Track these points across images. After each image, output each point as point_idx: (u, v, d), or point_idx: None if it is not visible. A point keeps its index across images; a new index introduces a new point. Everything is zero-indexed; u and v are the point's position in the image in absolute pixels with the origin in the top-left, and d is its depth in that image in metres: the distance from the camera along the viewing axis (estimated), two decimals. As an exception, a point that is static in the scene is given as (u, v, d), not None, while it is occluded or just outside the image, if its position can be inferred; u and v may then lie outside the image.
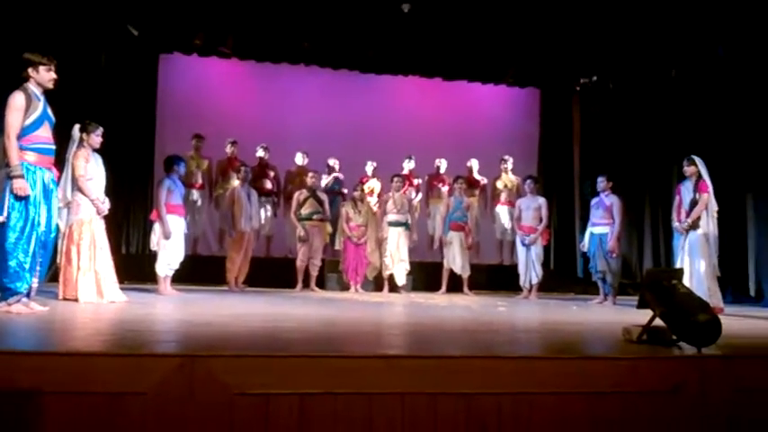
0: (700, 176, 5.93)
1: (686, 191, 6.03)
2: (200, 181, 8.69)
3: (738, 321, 4.87)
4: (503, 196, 9.38)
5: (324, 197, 8.23)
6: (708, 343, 2.75)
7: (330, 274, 8.43)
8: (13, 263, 3.77)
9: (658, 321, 3.00)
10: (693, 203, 5.85)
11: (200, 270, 7.90)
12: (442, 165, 9.53)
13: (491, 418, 2.41)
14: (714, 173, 6.28)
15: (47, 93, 4.11)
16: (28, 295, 3.94)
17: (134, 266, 7.70)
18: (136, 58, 8.98)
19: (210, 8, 8.36)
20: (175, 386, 2.21)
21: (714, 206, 5.91)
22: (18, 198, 3.82)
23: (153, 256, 6.53)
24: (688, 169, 6.05)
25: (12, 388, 2.20)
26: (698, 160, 6.01)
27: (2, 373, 2.22)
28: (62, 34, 7.69)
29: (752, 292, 7.93)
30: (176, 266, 6.43)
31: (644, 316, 3.12)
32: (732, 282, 7.78)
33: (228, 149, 8.85)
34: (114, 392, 2.19)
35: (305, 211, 8.04)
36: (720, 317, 4.60)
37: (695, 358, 2.68)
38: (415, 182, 9.42)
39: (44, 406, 2.18)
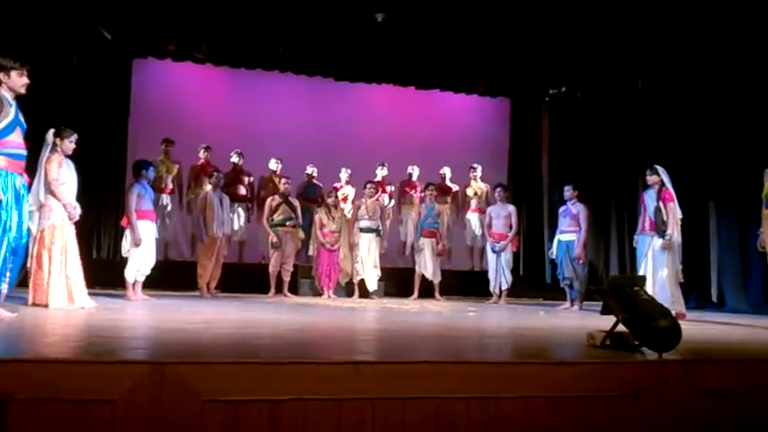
0: (662, 185, 6.10)
1: (650, 199, 6.19)
2: (170, 185, 8.66)
3: (699, 327, 5.02)
4: (473, 203, 9.54)
5: (296, 203, 8.25)
6: (668, 348, 2.84)
7: (303, 279, 8.46)
8: (-18, 268, 3.74)
9: (621, 327, 3.09)
10: (656, 211, 6.00)
11: (172, 275, 7.85)
12: (415, 172, 9.63)
13: (459, 423, 2.46)
14: (678, 181, 6.45)
15: (18, 97, 4.08)
16: (-4, 301, 3.91)
17: (104, 272, 7.61)
18: (109, 62, 8.92)
19: (185, 13, 8.35)
20: (145, 393, 2.22)
21: (678, 214, 6.07)
22: (-11, 203, 3.79)
23: (124, 262, 6.49)
24: (650, 179, 6.21)
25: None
26: (660, 170, 6.18)
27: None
28: (33, 37, 7.61)
29: (714, 299, 8.14)
30: (147, 272, 6.39)
31: (608, 322, 3.21)
32: (695, 288, 7.99)
33: (202, 155, 8.86)
34: (84, 399, 2.19)
35: (278, 217, 8.06)
36: (682, 323, 4.74)
37: (656, 363, 2.78)
38: (388, 189, 9.50)
39: (14, 413, 2.18)
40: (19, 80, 4.03)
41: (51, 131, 5.00)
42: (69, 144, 5.05)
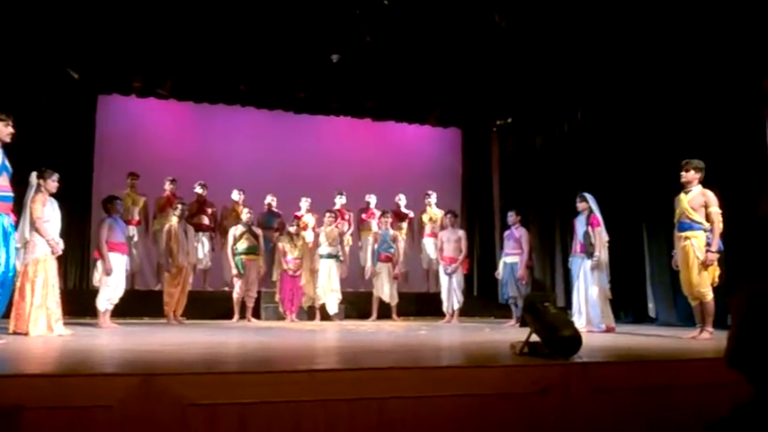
0: (591, 211, 6.74)
1: (579, 224, 6.83)
2: (136, 217, 9.03)
3: (618, 337, 5.65)
4: (428, 228, 10.14)
5: (259, 232, 8.70)
6: (571, 353, 3.43)
7: (266, 305, 8.85)
8: (-25, 301, 4.15)
9: (536, 337, 3.67)
10: (585, 235, 6.64)
11: (138, 304, 8.17)
12: (372, 200, 10.18)
13: (398, 418, 2.98)
14: (615, 204, 6.95)
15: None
16: (-14, 330, 4.30)
17: (72, 302, 7.90)
18: (75, 99, 9.23)
19: (149, 52, 8.75)
20: (137, 399, 2.70)
21: (605, 237, 6.70)
22: (-20, 242, 4.21)
23: (90, 292, 6.84)
24: (580, 205, 6.85)
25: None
26: (589, 197, 6.83)
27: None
28: (3, 80, 7.95)
29: (652, 313, 8.78)
30: (116, 301, 6.76)
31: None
32: (632, 303, 8.65)
33: (167, 187, 9.23)
34: (86, 406, 2.66)
35: (241, 246, 8.50)
36: (606, 334, 5.41)
37: (560, 365, 3.35)
38: (347, 216, 10.02)
39: (27, 421, 2.61)
40: (5, 130, 4.48)
41: (34, 174, 5.41)
42: (52, 183, 5.47)
